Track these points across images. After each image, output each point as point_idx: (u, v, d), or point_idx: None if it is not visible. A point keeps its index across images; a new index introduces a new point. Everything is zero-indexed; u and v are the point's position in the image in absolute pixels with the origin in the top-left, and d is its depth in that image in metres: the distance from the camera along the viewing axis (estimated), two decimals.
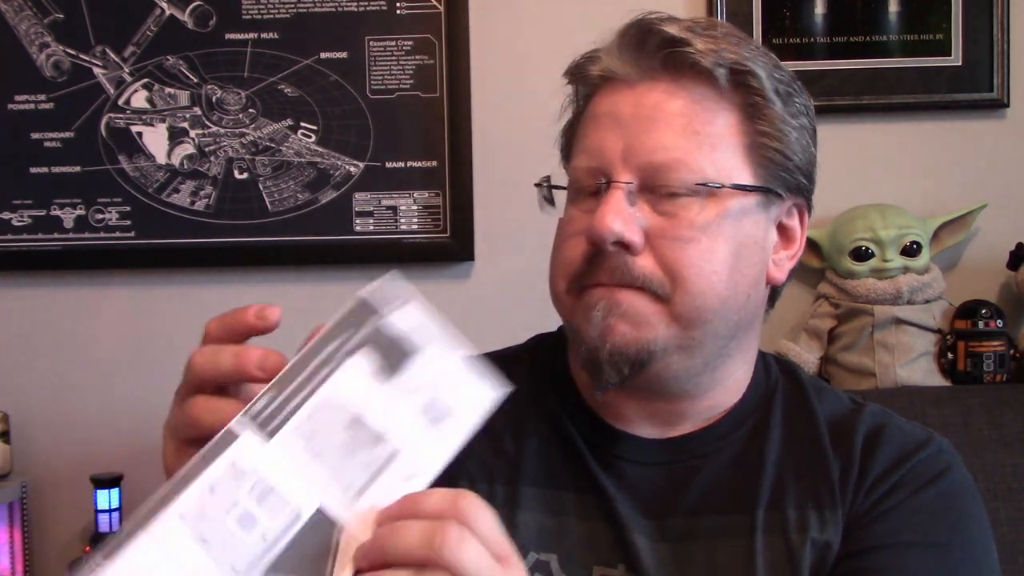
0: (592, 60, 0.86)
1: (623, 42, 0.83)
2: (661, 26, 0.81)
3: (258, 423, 0.58)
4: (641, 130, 0.80)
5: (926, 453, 0.86)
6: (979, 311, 1.66)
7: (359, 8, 1.77)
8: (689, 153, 0.80)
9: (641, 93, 0.82)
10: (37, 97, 1.78)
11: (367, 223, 1.79)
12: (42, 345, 1.81)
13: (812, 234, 1.73)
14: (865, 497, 0.83)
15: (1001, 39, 1.75)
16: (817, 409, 0.89)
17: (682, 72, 0.81)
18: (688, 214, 0.79)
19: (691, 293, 0.79)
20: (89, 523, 1.73)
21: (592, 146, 0.83)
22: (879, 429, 0.88)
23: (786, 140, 0.83)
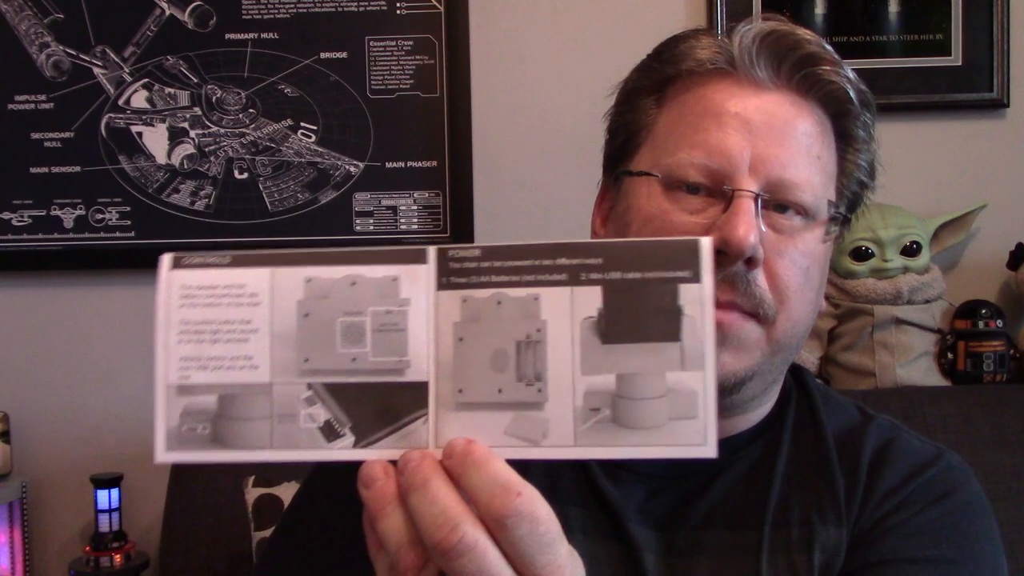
0: (701, 46, 0.81)
1: (765, 43, 0.79)
2: (806, 40, 0.80)
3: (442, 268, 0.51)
4: (773, 142, 0.77)
5: (935, 471, 0.84)
6: (979, 311, 1.66)
7: (359, 8, 1.77)
8: (814, 175, 0.79)
9: (771, 102, 0.79)
10: (37, 97, 1.78)
11: (367, 223, 1.79)
12: (42, 345, 1.81)
13: None
14: (871, 514, 0.81)
15: (1001, 39, 1.75)
16: (825, 422, 0.87)
17: (811, 90, 0.80)
18: (801, 236, 0.78)
19: (792, 319, 0.78)
20: (89, 523, 1.73)
21: (713, 143, 0.77)
22: (887, 445, 0.85)
23: (860, 171, 0.85)
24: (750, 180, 0.76)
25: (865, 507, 0.82)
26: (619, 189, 0.84)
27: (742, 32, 0.80)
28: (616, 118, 0.86)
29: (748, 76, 0.79)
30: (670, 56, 0.82)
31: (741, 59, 0.79)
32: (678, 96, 0.82)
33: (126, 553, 1.66)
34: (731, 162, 0.77)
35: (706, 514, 0.82)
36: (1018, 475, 1.48)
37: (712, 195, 0.77)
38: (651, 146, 0.82)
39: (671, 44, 0.83)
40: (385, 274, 0.51)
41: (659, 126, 0.82)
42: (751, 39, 0.79)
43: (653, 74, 0.83)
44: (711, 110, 0.79)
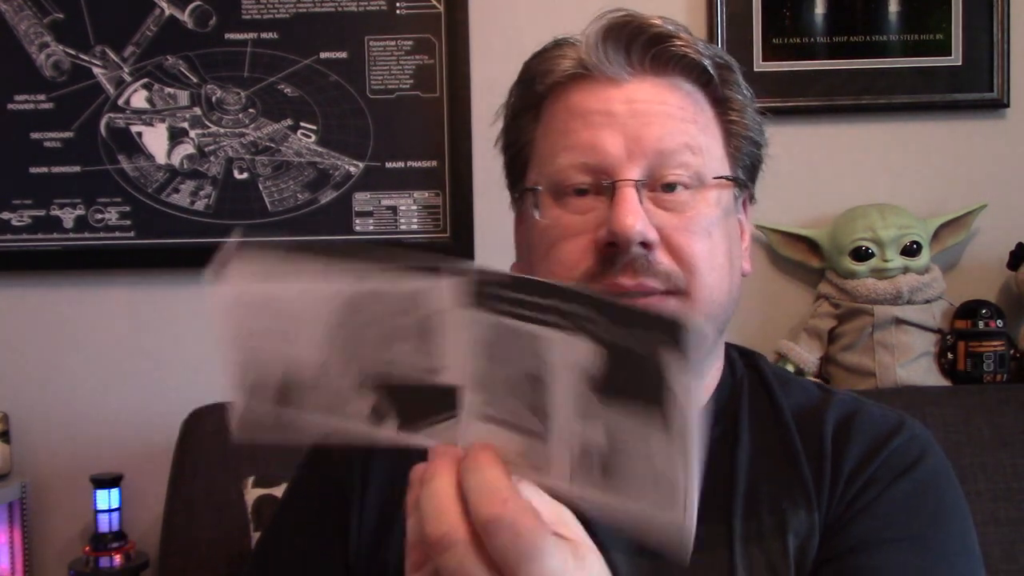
0: (562, 55, 0.85)
1: (608, 38, 0.82)
2: (648, 23, 0.82)
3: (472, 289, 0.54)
4: (642, 124, 0.80)
5: (899, 441, 0.85)
6: (979, 311, 1.66)
7: (359, 8, 1.77)
8: (694, 138, 0.81)
9: (632, 90, 0.81)
10: (37, 97, 1.78)
11: (367, 223, 1.78)
12: (42, 345, 1.81)
13: (812, 234, 1.73)
14: (843, 494, 0.82)
15: (1001, 39, 1.75)
16: (783, 404, 0.88)
17: (667, 68, 0.82)
18: (693, 208, 0.80)
19: (706, 286, 0.79)
20: (89, 523, 1.73)
21: (583, 143, 0.80)
22: (849, 418, 0.87)
23: (749, 131, 0.86)
24: (629, 167, 0.79)
25: (835, 488, 0.82)
26: (521, 208, 0.87)
27: (589, 32, 0.83)
28: (505, 139, 0.90)
29: (602, 74, 0.82)
30: (536, 73, 0.86)
31: (591, 59, 0.82)
32: (549, 109, 0.85)
33: (126, 553, 1.66)
34: (606, 156, 0.79)
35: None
36: (1018, 475, 1.48)
37: (599, 192, 0.80)
38: (535, 161, 0.85)
39: (536, 61, 0.87)
40: (417, 286, 0.54)
41: (538, 140, 0.86)
42: (595, 38, 0.82)
43: (527, 94, 0.87)
44: (575, 112, 0.82)
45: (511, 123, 0.89)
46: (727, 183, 0.83)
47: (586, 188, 0.81)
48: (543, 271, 0.82)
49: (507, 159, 0.90)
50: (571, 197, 0.81)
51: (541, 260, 0.82)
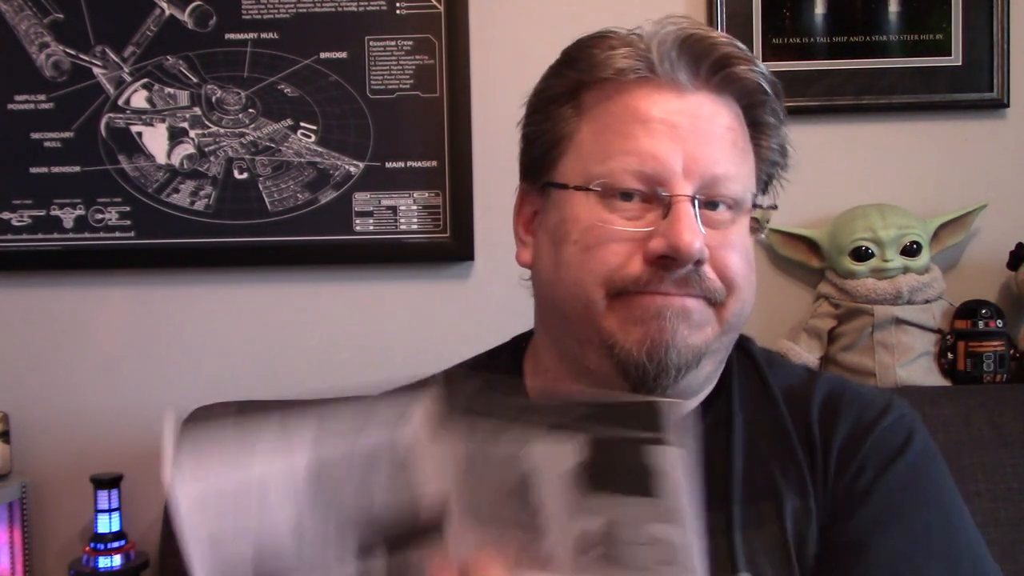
0: (615, 51, 0.84)
1: (683, 49, 0.82)
2: (721, 42, 0.83)
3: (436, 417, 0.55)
4: (701, 142, 0.81)
5: (888, 421, 0.88)
6: (979, 311, 1.66)
7: (359, 8, 1.77)
8: (739, 167, 0.83)
9: (694, 104, 0.82)
10: (37, 97, 1.78)
11: (367, 223, 1.78)
12: (42, 345, 1.81)
13: (812, 234, 1.73)
14: (836, 479, 0.84)
15: (1001, 39, 1.75)
16: (772, 383, 0.91)
17: (726, 89, 0.84)
18: (733, 228, 0.83)
19: (740, 300, 0.84)
20: (89, 523, 1.73)
21: (645, 149, 0.80)
22: (835, 397, 0.89)
23: (775, 154, 0.90)
24: (685, 183, 0.80)
25: (827, 470, 0.85)
26: (546, 199, 0.86)
27: (659, 36, 0.82)
28: (532, 127, 0.88)
29: (669, 80, 0.82)
30: (587, 64, 0.84)
31: (661, 64, 0.82)
32: (599, 104, 0.84)
33: (126, 553, 1.66)
34: (665, 167, 0.80)
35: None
36: (1018, 475, 1.47)
37: (647, 200, 0.81)
38: (576, 155, 0.84)
39: (584, 50, 0.86)
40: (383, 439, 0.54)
41: (582, 135, 0.84)
42: (670, 44, 0.82)
43: (567, 81, 0.86)
44: (637, 117, 0.81)
45: (544, 109, 0.87)
46: (754, 206, 0.86)
47: (632, 193, 0.81)
48: (578, 267, 0.81)
49: (534, 146, 0.88)
50: (616, 200, 0.81)
51: (579, 256, 0.82)
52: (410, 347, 1.77)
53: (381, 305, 1.80)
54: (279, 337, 1.80)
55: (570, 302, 0.82)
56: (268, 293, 1.81)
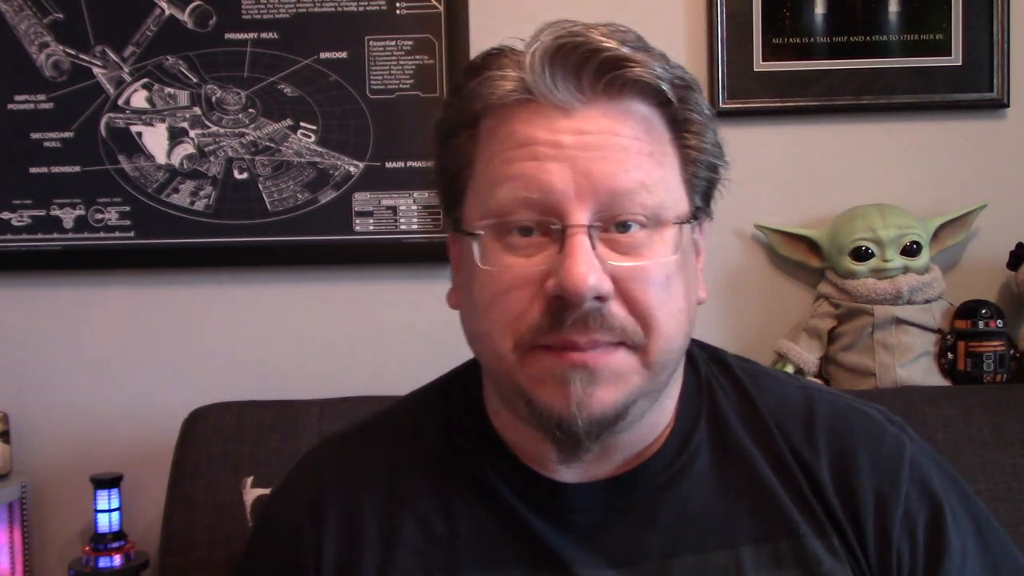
0: (503, 74, 0.76)
1: (555, 62, 0.73)
2: (601, 45, 0.73)
3: None
4: (593, 159, 0.72)
5: (908, 455, 0.83)
6: (979, 311, 1.66)
7: (359, 8, 1.77)
8: (649, 175, 0.73)
9: (582, 119, 0.73)
10: (37, 97, 1.78)
11: (367, 223, 1.78)
12: (42, 345, 1.81)
13: (812, 234, 1.73)
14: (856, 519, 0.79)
15: (1001, 39, 1.75)
16: (762, 408, 0.84)
17: (622, 92, 0.74)
18: (650, 251, 0.73)
19: (663, 337, 0.74)
20: (89, 523, 1.73)
21: (528, 175, 0.72)
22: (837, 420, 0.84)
23: (708, 154, 0.79)
24: (579, 209, 0.71)
25: (858, 518, 0.79)
26: (460, 238, 0.79)
27: (531, 52, 0.74)
28: (438, 161, 0.81)
29: (549, 101, 0.73)
30: (474, 90, 0.77)
31: (536, 86, 0.73)
32: (490, 131, 0.76)
33: (126, 553, 1.66)
34: (552, 192, 0.71)
35: (667, 539, 0.78)
36: (1018, 475, 1.47)
37: (546, 233, 0.73)
38: (474, 189, 0.77)
39: (473, 75, 0.78)
40: None
41: (478, 165, 0.77)
42: (539, 61, 0.73)
43: (463, 110, 0.78)
44: (520, 141, 0.73)
45: (445, 142, 0.79)
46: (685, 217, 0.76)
47: (531, 227, 0.73)
48: (484, 316, 0.75)
49: (442, 183, 0.80)
50: (514, 236, 0.73)
51: (484, 312, 0.75)
52: (410, 347, 1.77)
53: (381, 305, 1.80)
54: (279, 337, 1.80)
55: (487, 355, 0.77)
56: (268, 293, 1.81)
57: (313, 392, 1.61)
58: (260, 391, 1.67)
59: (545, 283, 0.71)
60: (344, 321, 1.80)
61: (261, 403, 1.58)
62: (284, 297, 1.80)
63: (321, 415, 1.53)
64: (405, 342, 1.78)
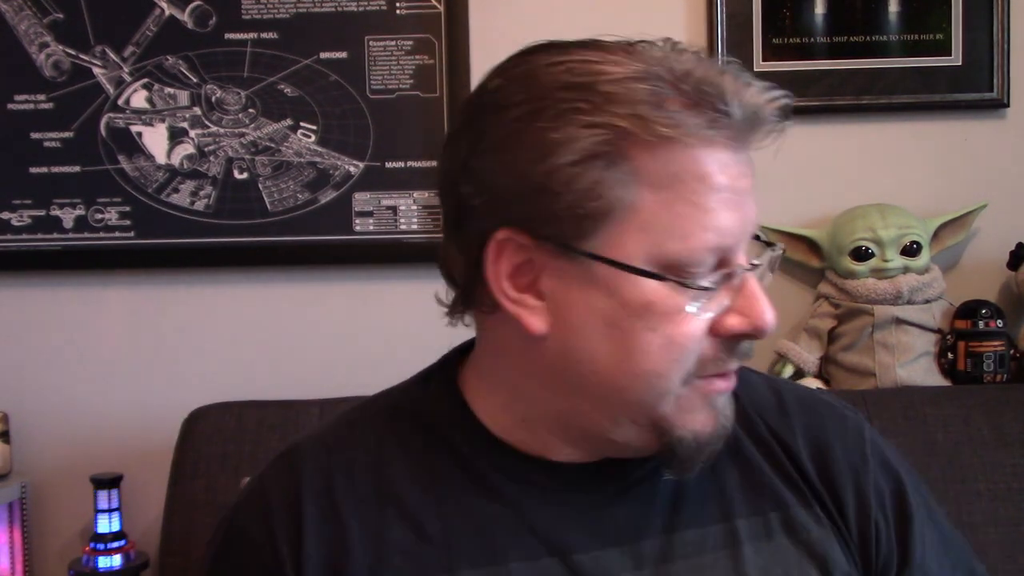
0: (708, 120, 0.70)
1: (747, 108, 0.71)
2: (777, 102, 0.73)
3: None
4: (747, 200, 0.74)
5: (869, 433, 0.89)
6: (979, 311, 1.66)
7: (359, 8, 1.77)
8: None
9: (746, 159, 0.74)
10: (37, 97, 1.78)
11: (367, 223, 1.78)
12: (42, 345, 1.81)
13: (812, 234, 1.73)
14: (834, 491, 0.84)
15: (1001, 39, 1.75)
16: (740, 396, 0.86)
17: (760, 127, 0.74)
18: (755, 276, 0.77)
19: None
20: (89, 523, 1.73)
21: (723, 226, 0.71)
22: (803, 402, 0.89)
23: None
24: (744, 250, 0.74)
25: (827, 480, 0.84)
26: (571, 266, 0.72)
27: (745, 93, 0.71)
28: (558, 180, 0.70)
29: (728, 136, 0.71)
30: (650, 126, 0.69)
31: (738, 130, 0.71)
32: (659, 164, 0.70)
33: (126, 553, 1.66)
34: (734, 238, 0.73)
35: (666, 516, 0.79)
36: (1018, 475, 1.47)
37: (715, 267, 0.73)
38: (640, 228, 0.71)
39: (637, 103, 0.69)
40: None
41: (645, 203, 0.70)
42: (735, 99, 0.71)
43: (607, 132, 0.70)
44: (711, 185, 0.71)
45: (577, 163, 0.70)
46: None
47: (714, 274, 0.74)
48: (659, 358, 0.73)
49: (556, 202, 0.71)
50: (695, 279, 0.72)
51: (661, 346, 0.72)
52: (410, 347, 1.77)
53: (381, 305, 1.80)
54: (279, 337, 1.80)
55: (638, 390, 0.74)
56: (268, 293, 1.81)
57: (313, 392, 1.61)
58: (260, 391, 1.67)
59: (723, 320, 0.73)
60: (344, 321, 1.80)
61: (261, 403, 1.58)
62: (284, 297, 1.80)
63: (321, 415, 1.53)
64: (405, 342, 1.78)
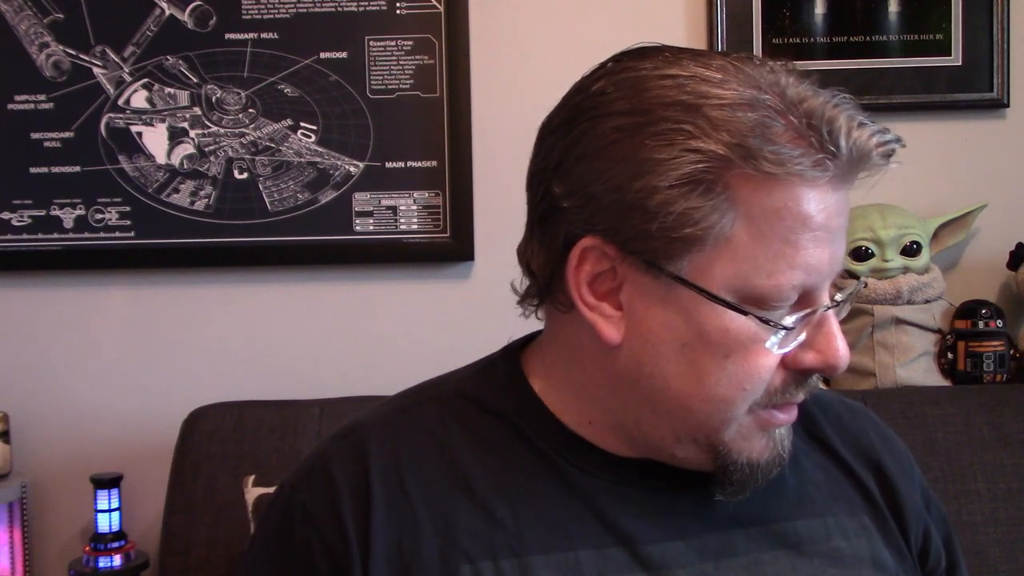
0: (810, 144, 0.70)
1: (858, 151, 0.72)
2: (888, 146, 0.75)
3: None
4: (840, 241, 0.75)
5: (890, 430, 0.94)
6: (979, 311, 1.66)
7: (359, 8, 1.77)
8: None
9: (841, 200, 0.74)
10: (37, 97, 1.78)
11: (367, 223, 1.78)
12: (42, 345, 1.81)
13: None
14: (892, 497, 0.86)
15: (1001, 39, 1.75)
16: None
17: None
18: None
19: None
20: (89, 523, 1.73)
21: (811, 265, 0.72)
22: (844, 401, 0.93)
23: None
24: (828, 288, 0.75)
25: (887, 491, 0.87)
26: (656, 284, 0.73)
27: (856, 134, 0.71)
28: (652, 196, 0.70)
29: (839, 180, 0.72)
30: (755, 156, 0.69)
31: (841, 170, 0.72)
32: (754, 197, 0.70)
33: (126, 553, 1.66)
34: (822, 277, 0.74)
35: (728, 513, 0.80)
36: (1018, 475, 1.48)
37: (796, 304, 0.74)
38: (729, 258, 0.71)
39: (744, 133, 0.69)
40: None
41: (738, 234, 0.70)
42: (852, 142, 0.71)
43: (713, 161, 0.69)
44: (806, 223, 0.71)
45: (680, 186, 0.70)
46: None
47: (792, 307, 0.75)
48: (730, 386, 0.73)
49: (652, 221, 0.71)
50: (774, 313, 0.73)
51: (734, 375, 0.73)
52: (410, 347, 1.77)
53: (381, 305, 1.80)
54: (279, 337, 1.80)
55: (703, 414, 0.75)
56: (268, 293, 1.81)
57: (313, 392, 1.61)
58: (260, 391, 1.67)
59: (798, 354, 0.74)
60: (344, 321, 1.80)
61: (261, 403, 1.58)
62: (284, 297, 1.80)
63: (321, 415, 1.53)
64: (405, 342, 1.78)
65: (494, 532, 0.76)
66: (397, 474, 0.78)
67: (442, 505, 0.77)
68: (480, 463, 0.79)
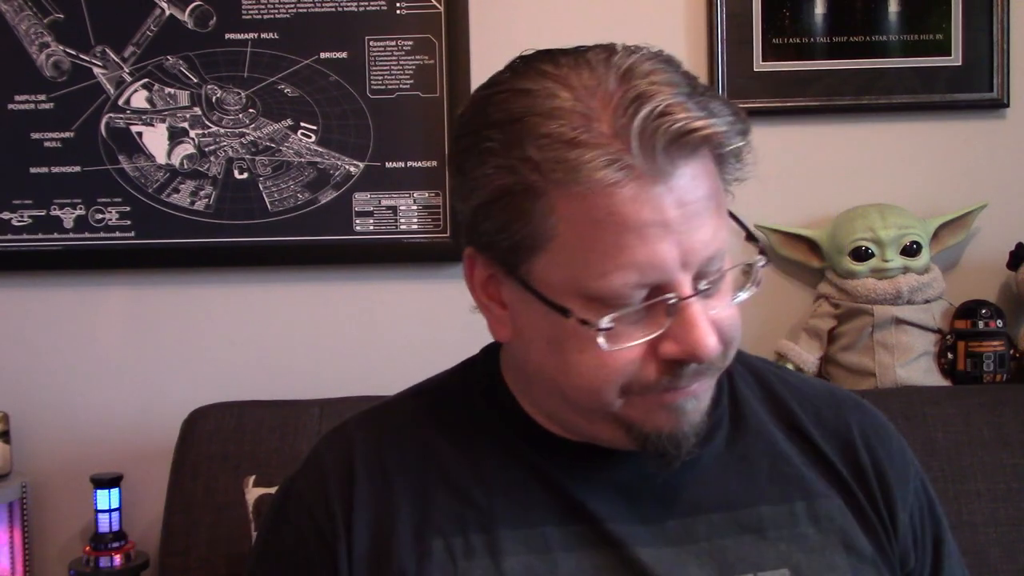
0: (601, 152, 0.70)
1: (647, 137, 0.70)
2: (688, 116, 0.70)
3: None
4: (690, 228, 0.72)
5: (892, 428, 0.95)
6: (979, 311, 1.67)
7: (359, 8, 1.77)
8: (722, 230, 0.76)
9: (679, 189, 0.72)
10: (37, 97, 1.78)
11: (367, 223, 1.79)
12: (42, 345, 1.81)
13: (812, 234, 1.73)
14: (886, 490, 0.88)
15: (1001, 39, 1.75)
16: (780, 390, 0.92)
17: (703, 146, 0.74)
18: (726, 288, 0.78)
19: (735, 348, 0.82)
20: (89, 523, 1.73)
21: (643, 261, 0.72)
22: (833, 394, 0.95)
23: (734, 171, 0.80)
24: (686, 279, 0.73)
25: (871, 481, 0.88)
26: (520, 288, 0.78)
27: (638, 129, 0.70)
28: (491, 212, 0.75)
29: (650, 174, 0.71)
30: (553, 168, 0.71)
31: (645, 165, 0.70)
32: (576, 206, 0.72)
33: (126, 553, 1.66)
34: (665, 272, 0.73)
35: (692, 498, 0.84)
36: (1018, 475, 1.48)
37: (647, 297, 0.74)
38: (560, 263, 0.74)
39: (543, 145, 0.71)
40: None
41: (564, 239, 0.73)
42: (650, 134, 0.70)
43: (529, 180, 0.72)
44: (628, 225, 0.71)
45: (500, 200, 0.74)
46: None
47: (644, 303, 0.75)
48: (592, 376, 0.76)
49: (497, 234, 0.76)
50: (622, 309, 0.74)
51: (592, 367, 0.76)
52: (410, 347, 1.77)
53: (381, 305, 1.80)
54: (279, 337, 1.80)
55: (582, 400, 0.79)
56: (268, 293, 1.80)
57: (313, 392, 1.61)
58: (260, 391, 1.67)
59: (660, 345, 0.75)
60: (344, 321, 1.80)
61: (261, 403, 1.58)
62: (284, 297, 1.80)
63: (321, 415, 1.53)
64: (405, 342, 1.78)
65: (466, 511, 0.82)
66: (379, 461, 0.85)
67: (419, 488, 0.83)
68: (456, 453, 0.85)
